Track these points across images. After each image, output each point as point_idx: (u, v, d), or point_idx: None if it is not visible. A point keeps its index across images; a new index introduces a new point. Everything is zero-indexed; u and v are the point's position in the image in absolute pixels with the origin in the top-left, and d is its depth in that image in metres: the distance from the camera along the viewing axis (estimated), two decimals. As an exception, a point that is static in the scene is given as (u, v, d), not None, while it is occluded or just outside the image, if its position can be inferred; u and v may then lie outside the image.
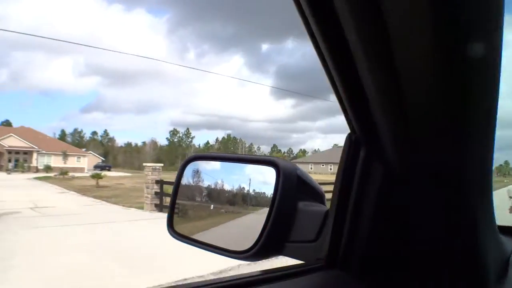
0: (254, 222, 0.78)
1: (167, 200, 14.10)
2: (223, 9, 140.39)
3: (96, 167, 71.58)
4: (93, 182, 28.79)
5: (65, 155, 45.07)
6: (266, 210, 0.76)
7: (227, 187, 0.91)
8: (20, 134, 53.08)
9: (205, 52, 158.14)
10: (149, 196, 14.34)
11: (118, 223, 11.67)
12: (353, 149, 0.68)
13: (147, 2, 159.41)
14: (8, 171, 46.04)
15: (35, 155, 51.55)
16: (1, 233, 9.25)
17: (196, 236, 0.88)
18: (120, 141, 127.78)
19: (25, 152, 51.45)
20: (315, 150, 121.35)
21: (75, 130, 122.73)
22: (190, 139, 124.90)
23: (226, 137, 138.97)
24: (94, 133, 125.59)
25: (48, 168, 49.84)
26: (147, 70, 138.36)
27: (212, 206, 0.93)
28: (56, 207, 15.50)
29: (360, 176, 0.68)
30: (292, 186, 0.75)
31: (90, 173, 51.43)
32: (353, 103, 0.61)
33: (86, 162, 56.29)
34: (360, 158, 0.67)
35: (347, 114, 0.64)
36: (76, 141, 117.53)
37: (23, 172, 46.39)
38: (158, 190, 14.13)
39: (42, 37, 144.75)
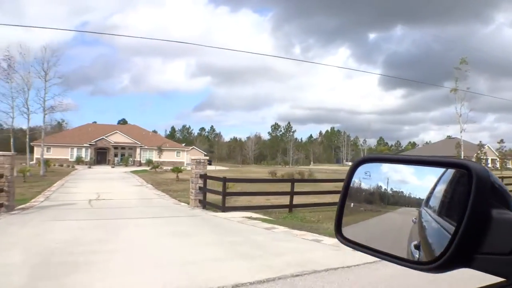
0: (397, 222, 0.81)
1: (211, 197, 12.90)
2: (326, 1, 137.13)
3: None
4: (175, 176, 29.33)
5: (160, 150, 47.26)
6: (404, 209, 0.79)
7: (363, 185, 0.91)
8: (125, 131, 57.50)
9: (310, 46, 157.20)
10: (193, 191, 13.23)
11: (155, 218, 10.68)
12: None
13: (252, 2, 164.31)
14: (113, 165, 50.03)
15: (138, 150, 55.25)
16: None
17: (368, 243, 0.85)
18: (227, 136, 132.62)
19: (130, 148, 55.46)
20: (426, 142, 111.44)
21: (183, 126, 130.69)
22: (291, 133, 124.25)
23: (329, 130, 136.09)
24: (202, 129, 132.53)
25: (149, 162, 53.14)
26: (255, 67, 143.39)
27: (352, 204, 0.93)
28: (113, 200, 15.39)
29: None
30: (486, 191, 0.68)
31: (188, 167, 53.73)
32: None
33: (185, 156, 58.62)
34: None
35: None
36: (184, 137, 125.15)
37: (126, 165, 49.96)
38: (202, 185, 12.91)
39: (158, 39, 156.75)
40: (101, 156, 54.14)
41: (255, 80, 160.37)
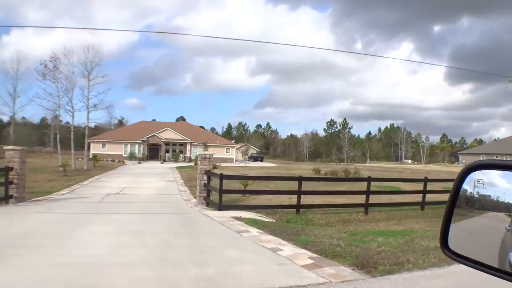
0: (488, 228, 0.78)
1: (215, 197, 12.26)
2: None
3: (250, 157, 75.52)
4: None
5: (205, 146, 47.64)
6: (491, 214, 0.77)
7: (475, 194, 0.87)
8: (177, 128, 58.88)
9: (372, 41, 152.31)
10: (198, 187, 12.73)
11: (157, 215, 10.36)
12: None
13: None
14: (163, 160, 51.37)
15: (188, 146, 56.31)
16: None
17: (477, 256, 0.81)
18: (285, 133, 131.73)
19: (181, 144, 56.68)
20: (494, 139, 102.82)
21: (239, 124, 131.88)
22: (347, 130, 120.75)
23: (389, 127, 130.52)
24: (258, 126, 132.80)
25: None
26: (315, 64, 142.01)
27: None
28: (130, 195, 15.39)
29: None
30: None
31: (238, 164, 53.93)
32: None
33: (234, 153, 58.93)
34: None
35: None
36: (240, 134, 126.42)
37: (176, 161, 51.02)
38: (206, 182, 12.36)
39: (220, 37, 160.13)
40: (153, 152, 55.85)
41: (315, 77, 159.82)
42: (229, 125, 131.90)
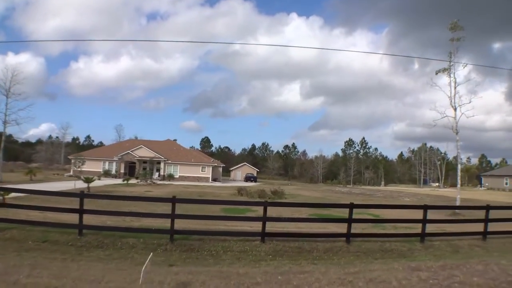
0: None
1: None
2: (443, 12, 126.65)
3: (246, 178, 75.55)
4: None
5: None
6: None
7: None
8: (158, 146, 60.50)
9: (428, 60, 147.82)
10: None
11: None
12: None
13: (366, 21, 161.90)
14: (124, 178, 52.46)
15: (162, 164, 57.40)
16: None
17: None
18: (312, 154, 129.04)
19: (157, 162, 57.91)
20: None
21: (263, 144, 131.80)
22: (366, 150, 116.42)
23: (420, 147, 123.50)
24: (286, 147, 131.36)
25: (170, 176, 55.07)
26: (369, 85, 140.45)
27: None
28: None
29: None
30: None
31: (212, 183, 53.91)
32: None
33: (210, 172, 59.13)
34: None
35: None
36: (262, 154, 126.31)
37: (142, 179, 51.83)
38: None
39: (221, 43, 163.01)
40: (131, 169, 57.42)
41: (370, 98, 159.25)
42: (253, 146, 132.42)
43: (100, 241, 9.86)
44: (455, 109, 25.07)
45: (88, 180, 27.09)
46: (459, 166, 26.73)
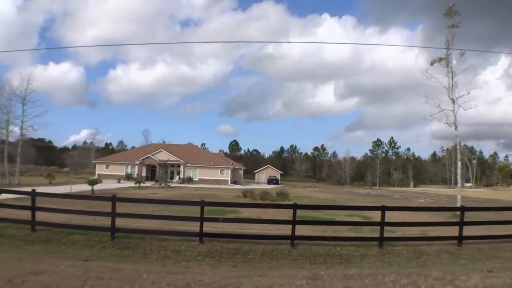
0: None
1: None
2: (483, 6, 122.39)
3: (268, 180, 75.99)
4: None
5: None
6: None
7: None
8: (178, 149, 61.92)
9: (466, 55, 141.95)
10: None
11: None
12: None
13: (400, 19, 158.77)
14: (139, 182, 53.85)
15: (182, 167, 58.78)
16: None
17: None
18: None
19: (178, 166, 59.38)
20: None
21: (291, 146, 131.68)
22: (395, 150, 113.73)
23: (453, 145, 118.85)
24: (315, 148, 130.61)
25: (189, 180, 56.31)
26: (405, 84, 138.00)
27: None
28: None
29: None
30: None
31: (230, 186, 54.76)
32: None
33: (229, 174, 59.93)
34: None
35: None
36: (290, 156, 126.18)
37: (161, 183, 53.30)
38: None
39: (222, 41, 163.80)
40: (153, 173, 59.20)
41: (406, 97, 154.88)
42: (282, 148, 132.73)
43: (49, 237, 10.69)
44: (454, 102, 24.34)
45: (92, 183, 28.49)
46: (459, 164, 25.95)
